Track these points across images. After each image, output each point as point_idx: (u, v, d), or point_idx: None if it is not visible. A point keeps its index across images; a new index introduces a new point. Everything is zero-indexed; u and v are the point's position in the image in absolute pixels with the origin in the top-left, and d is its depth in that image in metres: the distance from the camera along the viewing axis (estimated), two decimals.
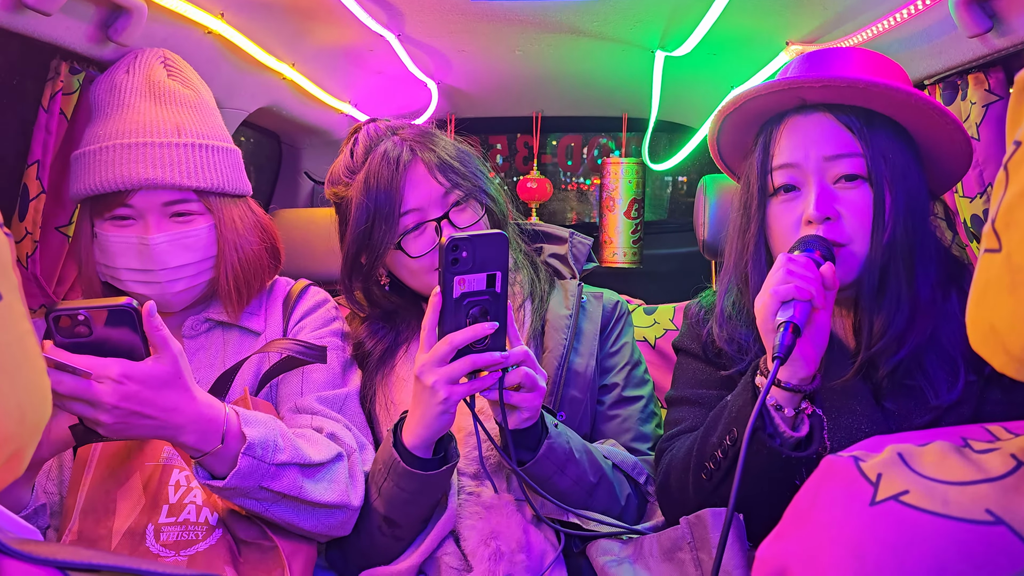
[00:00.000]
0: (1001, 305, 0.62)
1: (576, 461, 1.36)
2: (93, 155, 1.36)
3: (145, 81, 1.41)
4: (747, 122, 1.36)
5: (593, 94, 2.99)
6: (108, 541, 1.23)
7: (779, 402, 1.17)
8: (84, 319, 1.05)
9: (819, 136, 1.25)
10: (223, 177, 1.44)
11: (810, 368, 1.16)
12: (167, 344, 1.10)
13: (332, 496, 1.25)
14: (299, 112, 2.52)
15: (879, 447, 0.68)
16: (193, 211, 1.41)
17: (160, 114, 1.39)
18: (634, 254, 3.21)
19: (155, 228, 1.37)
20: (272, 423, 1.22)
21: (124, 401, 1.05)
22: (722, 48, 2.29)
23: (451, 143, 1.54)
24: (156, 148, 1.35)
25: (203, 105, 1.47)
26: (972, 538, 0.58)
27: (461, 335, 1.22)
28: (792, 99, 1.28)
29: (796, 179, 1.28)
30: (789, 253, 1.19)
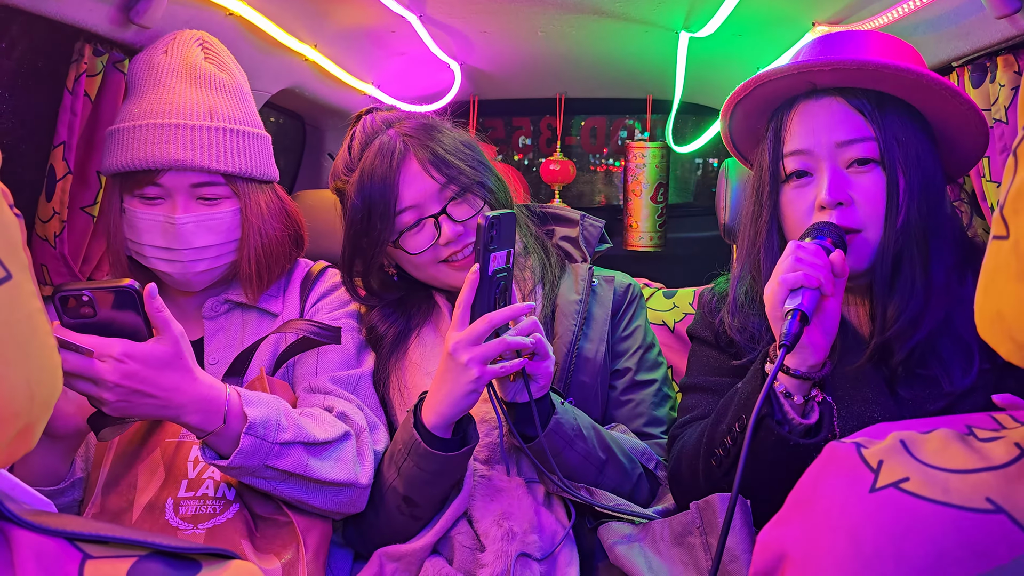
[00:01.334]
0: (1008, 292, 0.61)
1: (584, 438, 1.36)
2: (127, 132, 1.38)
3: (182, 63, 1.43)
4: (758, 108, 1.35)
5: (617, 76, 2.97)
6: (129, 514, 1.26)
7: (788, 389, 1.17)
8: (88, 300, 1.08)
9: (830, 121, 1.24)
10: (251, 162, 1.46)
11: (819, 355, 1.16)
12: (168, 325, 1.12)
13: (339, 474, 1.27)
14: (322, 93, 2.54)
15: (883, 434, 0.68)
16: (220, 194, 1.43)
17: (194, 96, 1.40)
18: (659, 238, 3.19)
19: (182, 208, 1.39)
20: (275, 403, 1.24)
21: (125, 379, 1.08)
22: (747, 29, 2.26)
23: (450, 135, 1.52)
24: (188, 130, 1.37)
25: (237, 90, 1.49)
26: (971, 526, 0.57)
27: (499, 315, 1.24)
28: (803, 84, 1.27)
29: (808, 165, 1.26)
30: (799, 240, 1.18)
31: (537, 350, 1.28)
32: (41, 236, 1.56)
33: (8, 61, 1.45)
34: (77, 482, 1.32)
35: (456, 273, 1.49)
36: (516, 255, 1.55)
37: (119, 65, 1.56)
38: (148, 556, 0.57)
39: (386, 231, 1.46)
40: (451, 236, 1.45)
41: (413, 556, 1.37)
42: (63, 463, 1.29)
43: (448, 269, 1.50)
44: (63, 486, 1.29)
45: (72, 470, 1.31)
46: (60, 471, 1.29)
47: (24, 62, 1.46)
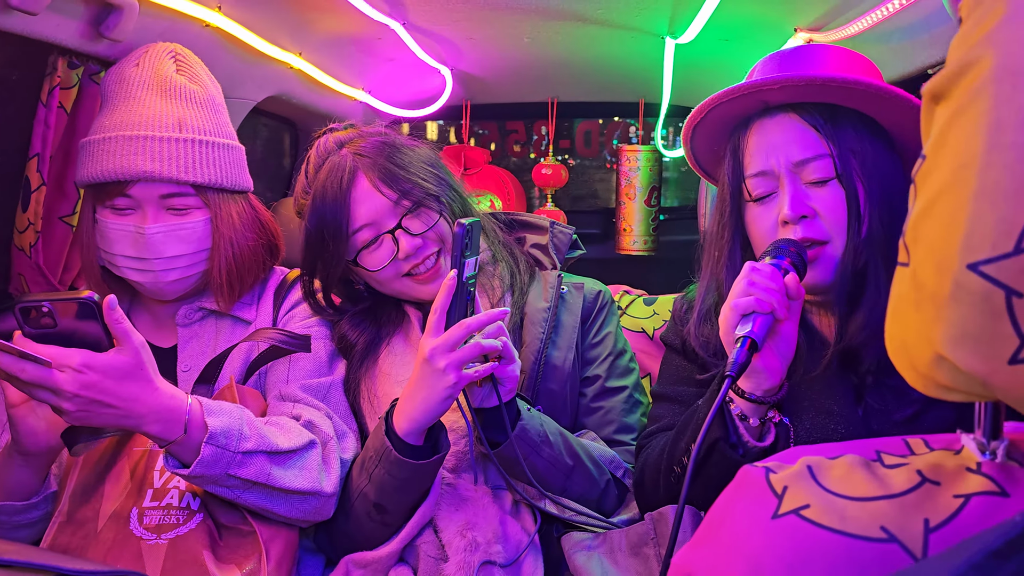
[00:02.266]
0: (908, 321, 0.61)
1: (551, 444, 1.37)
2: (97, 144, 1.40)
3: (153, 75, 1.44)
4: (717, 128, 1.35)
5: (608, 80, 2.97)
6: (95, 523, 1.27)
7: (744, 412, 1.17)
8: (48, 311, 1.10)
9: (785, 139, 1.23)
10: (221, 173, 1.47)
11: (774, 379, 1.16)
12: (128, 336, 1.14)
13: (303, 483, 1.28)
14: (310, 100, 2.55)
15: (794, 458, 0.68)
16: (190, 204, 1.44)
17: (164, 108, 1.42)
18: (653, 241, 3.19)
19: (152, 219, 1.41)
20: (238, 412, 1.25)
21: (84, 390, 1.09)
22: (733, 34, 2.25)
23: (407, 152, 1.52)
24: (156, 142, 1.39)
25: (209, 101, 1.50)
26: (865, 556, 0.58)
27: (476, 321, 1.26)
28: (756, 103, 1.26)
29: (770, 186, 1.26)
30: (755, 262, 1.18)
31: (503, 354, 1.29)
32: (18, 246, 1.58)
33: None
34: (50, 496, 1.33)
35: (420, 286, 1.50)
36: (484, 263, 1.56)
37: (95, 77, 1.59)
38: None
39: (340, 251, 1.47)
40: (409, 250, 1.46)
41: (379, 563, 1.38)
42: (36, 479, 1.30)
43: (412, 283, 1.51)
44: (35, 500, 1.30)
45: (46, 483, 1.32)
46: (33, 486, 1.30)
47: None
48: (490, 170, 3.24)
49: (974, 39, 0.57)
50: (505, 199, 3.18)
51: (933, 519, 0.58)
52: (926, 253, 0.59)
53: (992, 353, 0.54)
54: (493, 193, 3.18)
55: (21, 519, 1.29)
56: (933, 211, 0.58)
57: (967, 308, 0.55)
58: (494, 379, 1.31)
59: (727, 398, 1.19)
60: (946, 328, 0.56)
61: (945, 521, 0.58)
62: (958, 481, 0.61)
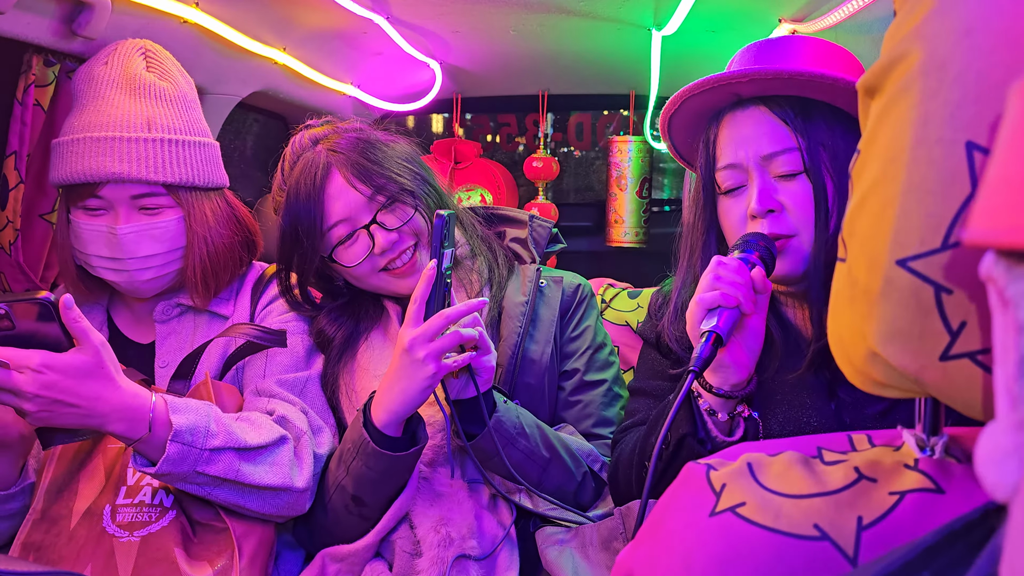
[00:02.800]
0: (844, 316, 0.61)
1: (527, 436, 1.37)
2: (67, 146, 1.40)
3: (122, 74, 1.43)
4: (693, 119, 1.35)
5: (598, 72, 2.95)
6: (68, 520, 1.28)
7: (712, 407, 1.16)
8: (5, 313, 1.10)
9: (755, 133, 1.23)
10: (193, 171, 1.46)
11: (742, 373, 1.15)
12: (87, 335, 1.14)
13: (273, 479, 1.28)
14: (298, 95, 2.54)
15: (736, 455, 0.68)
16: (162, 204, 1.44)
17: (133, 107, 1.41)
18: (644, 233, 3.18)
19: (124, 219, 1.41)
20: (205, 409, 1.26)
21: (44, 390, 1.10)
22: (719, 26, 2.24)
23: (383, 148, 1.52)
24: (125, 143, 1.38)
25: (180, 98, 1.48)
26: (795, 553, 0.57)
27: (456, 311, 1.27)
28: (728, 95, 1.26)
29: (740, 179, 1.26)
30: (722, 256, 1.18)
31: (479, 344, 1.30)
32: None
33: None
34: (27, 488, 1.34)
35: (398, 280, 1.50)
36: (463, 257, 1.56)
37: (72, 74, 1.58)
38: None
39: (315, 247, 1.47)
40: (385, 245, 1.46)
41: (356, 557, 1.39)
42: (12, 469, 1.31)
43: (389, 277, 1.50)
44: (13, 491, 1.31)
45: (24, 474, 1.33)
46: (10, 477, 1.31)
47: None
48: (481, 164, 3.23)
49: (903, 32, 0.56)
50: (496, 193, 3.17)
51: (867, 516, 0.58)
52: (859, 249, 0.58)
53: (923, 349, 0.54)
54: (483, 187, 3.17)
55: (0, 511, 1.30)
56: (865, 206, 0.58)
57: (897, 304, 0.55)
58: (471, 370, 1.31)
59: (695, 393, 1.19)
60: (878, 324, 0.56)
61: (879, 519, 0.58)
62: (895, 478, 0.61)
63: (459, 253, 1.58)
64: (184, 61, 1.61)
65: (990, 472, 0.35)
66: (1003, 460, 0.34)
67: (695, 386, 1.18)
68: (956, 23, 0.52)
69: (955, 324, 0.53)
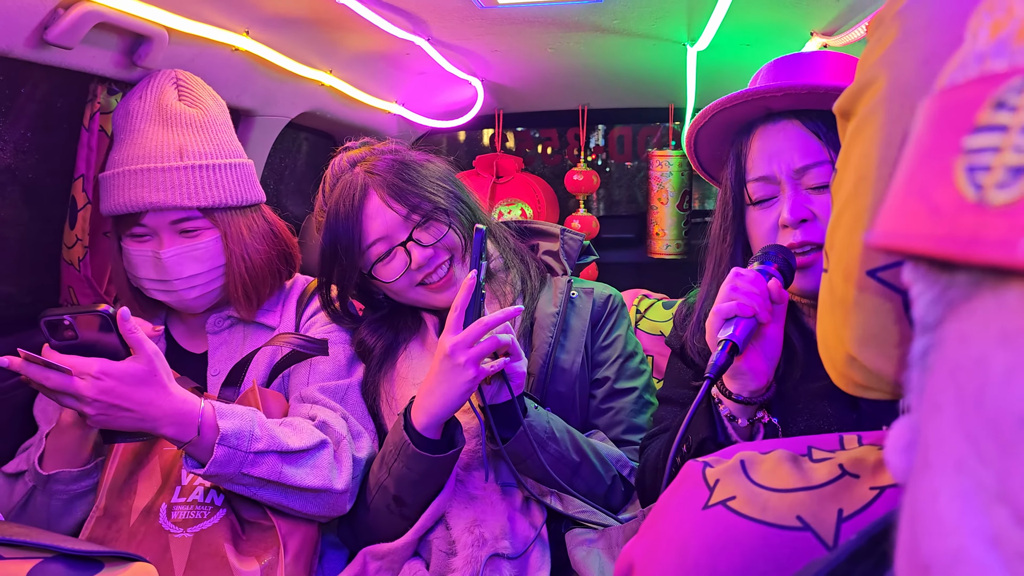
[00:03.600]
0: (827, 322, 0.65)
1: (557, 440, 1.43)
2: (109, 179, 1.51)
3: (155, 106, 1.53)
4: (721, 133, 1.38)
5: (636, 87, 3.00)
6: (128, 518, 1.38)
7: (732, 412, 1.20)
8: (69, 324, 1.20)
9: (787, 146, 1.26)
10: (226, 193, 1.55)
11: (760, 380, 1.18)
12: (142, 345, 1.24)
13: (314, 481, 1.36)
14: (344, 115, 2.64)
15: (731, 454, 0.72)
16: (199, 226, 1.53)
17: (165, 138, 1.50)
18: (685, 245, 3.21)
19: (167, 244, 1.51)
20: (250, 415, 1.34)
21: (102, 395, 1.20)
22: (753, 39, 2.27)
23: (418, 169, 1.58)
24: (159, 173, 1.47)
25: (210, 123, 1.57)
26: (779, 542, 0.62)
27: (493, 318, 1.34)
28: (759, 109, 1.29)
29: (771, 189, 1.29)
30: (740, 267, 1.21)
31: (511, 350, 1.37)
32: (67, 261, 1.70)
33: (31, 104, 1.59)
34: (100, 464, 1.45)
35: (434, 295, 1.58)
36: (497, 270, 1.63)
37: None
38: (52, 558, 0.67)
39: (353, 264, 1.55)
40: (421, 261, 1.53)
41: (396, 555, 1.46)
42: (87, 447, 1.41)
43: (426, 291, 1.58)
44: (88, 467, 1.41)
45: (94, 452, 1.44)
46: (86, 452, 1.42)
47: (45, 104, 1.61)
48: (522, 178, 3.29)
49: (873, 59, 0.61)
50: (536, 206, 3.23)
51: (847, 509, 0.62)
52: (836, 260, 0.63)
53: (896, 353, 0.58)
54: (523, 201, 3.23)
55: (77, 488, 1.40)
56: (840, 221, 0.62)
57: (870, 312, 0.59)
58: (504, 375, 1.38)
59: (716, 399, 1.22)
60: (853, 331, 0.60)
61: (858, 511, 0.62)
62: (877, 474, 0.65)
63: (493, 266, 1.64)
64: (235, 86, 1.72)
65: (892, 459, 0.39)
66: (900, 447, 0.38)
67: (715, 392, 1.22)
68: (918, 52, 0.57)
69: None
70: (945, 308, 0.32)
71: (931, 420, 0.31)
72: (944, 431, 0.30)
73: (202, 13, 1.63)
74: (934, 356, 0.33)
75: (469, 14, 1.99)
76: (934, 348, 0.33)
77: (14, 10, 1.23)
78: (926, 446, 0.32)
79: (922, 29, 0.57)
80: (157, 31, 1.51)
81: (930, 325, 0.33)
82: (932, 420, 0.31)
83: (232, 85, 1.67)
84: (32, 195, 1.66)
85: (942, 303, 0.32)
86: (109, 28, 1.43)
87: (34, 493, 1.38)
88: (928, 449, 0.31)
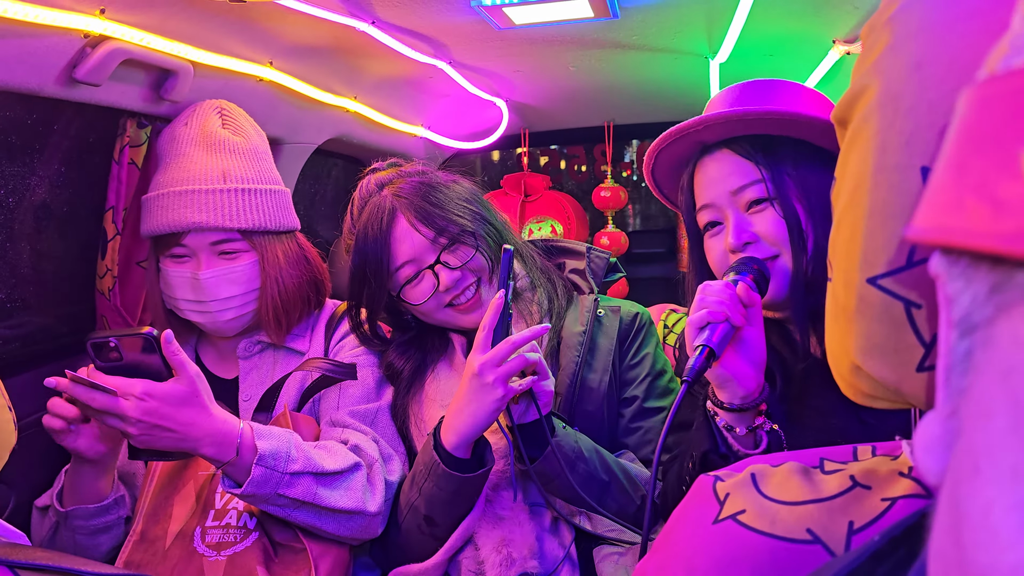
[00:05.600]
0: (832, 332, 0.64)
1: (585, 459, 1.42)
2: (154, 200, 1.55)
3: (200, 132, 1.58)
4: (673, 165, 1.43)
5: (661, 102, 3.00)
6: (164, 541, 1.40)
7: (729, 422, 1.20)
8: (114, 346, 1.24)
9: (723, 172, 1.30)
10: (265, 217, 1.59)
11: (748, 385, 1.18)
12: (184, 367, 1.26)
13: (348, 503, 1.37)
14: (371, 139, 2.68)
15: (742, 467, 0.72)
16: (238, 248, 1.57)
17: (209, 162, 1.55)
18: None
19: (205, 265, 1.54)
20: (287, 436, 1.36)
21: (146, 416, 1.23)
22: (776, 50, 2.26)
23: (445, 191, 1.60)
24: (203, 195, 1.52)
25: (252, 151, 1.62)
26: (789, 556, 0.61)
27: (521, 337, 1.35)
28: (695, 144, 1.35)
29: (716, 216, 1.33)
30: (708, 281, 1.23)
31: (538, 369, 1.38)
32: (99, 290, 1.75)
33: (65, 140, 1.65)
34: (120, 499, 1.48)
35: (462, 316, 1.58)
36: (523, 289, 1.64)
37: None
38: None
39: (382, 286, 1.57)
40: (449, 283, 1.54)
41: (426, 575, 1.46)
42: (104, 482, 1.45)
43: (454, 312, 1.59)
44: (106, 503, 1.44)
45: (115, 487, 1.47)
46: (102, 490, 1.45)
47: (78, 140, 1.66)
48: (550, 196, 3.30)
49: (865, 67, 0.60)
50: (565, 223, 3.23)
51: (858, 521, 0.61)
52: (838, 268, 0.62)
53: (900, 362, 0.58)
54: (553, 218, 3.24)
55: (97, 523, 1.43)
56: (840, 229, 0.62)
57: (872, 320, 0.58)
58: (532, 394, 1.38)
59: (712, 412, 1.23)
60: (856, 340, 0.60)
61: (869, 523, 0.61)
62: (889, 485, 0.64)
63: (519, 285, 1.65)
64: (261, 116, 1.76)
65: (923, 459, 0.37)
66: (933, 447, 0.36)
67: (710, 406, 1.22)
68: (908, 58, 0.56)
69: (927, 336, 0.56)
70: (996, 309, 0.30)
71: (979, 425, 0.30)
72: (996, 437, 0.28)
73: (226, 46, 1.67)
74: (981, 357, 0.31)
75: (488, 36, 2.02)
76: (980, 348, 0.31)
77: (43, 50, 1.28)
78: (973, 452, 0.30)
79: (912, 35, 0.56)
80: (182, 65, 1.56)
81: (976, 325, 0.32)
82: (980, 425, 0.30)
83: (258, 114, 1.70)
84: (66, 228, 1.72)
85: (992, 303, 0.31)
86: (135, 64, 1.47)
87: (59, 528, 1.42)
88: (976, 455, 0.30)
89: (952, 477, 0.32)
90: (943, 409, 0.37)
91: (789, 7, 1.86)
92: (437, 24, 1.88)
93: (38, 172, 1.62)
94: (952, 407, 0.35)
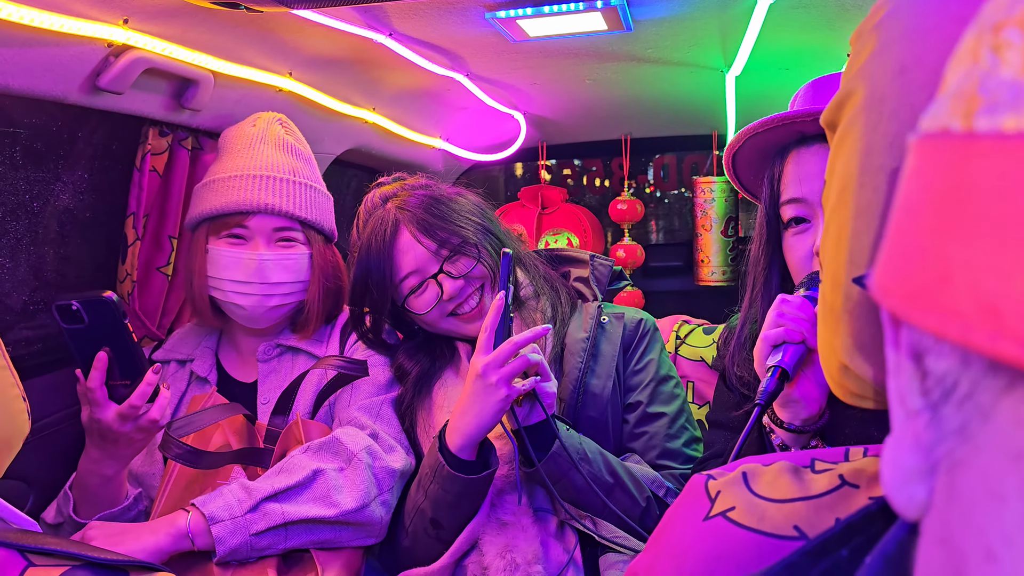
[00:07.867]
0: (822, 332, 0.65)
1: (590, 461, 1.43)
2: (221, 182, 1.61)
3: (268, 132, 1.67)
4: (758, 155, 1.37)
5: (678, 115, 3.01)
6: None
7: (785, 441, 1.17)
8: (76, 309, 1.29)
9: (820, 169, 1.24)
10: (321, 215, 1.69)
11: (813, 408, 1.15)
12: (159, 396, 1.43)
13: (321, 509, 1.40)
14: (390, 151, 2.72)
15: (734, 467, 0.72)
16: (296, 239, 1.64)
17: (279, 157, 1.65)
18: (731, 272, 3.19)
19: (264, 247, 1.61)
20: (232, 487, 1.40)
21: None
22: (792, 63, 2.27)
23: (448, 204, 1.63)
24: (275, 181, 1.60)
25: (309, 158, 1.74)
26: (775, 552, 0.62)
27: (523, 338, 1.37)
28: (792, 132, 1.28)
29: (805, 212, 1.27)
30: (786, 294, 1.19)
31: (540, 370, 1.40)
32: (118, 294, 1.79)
33: (89, 148, 1.69)
34: (139, 496, 1.53)
35: (466, 324, 1.61)
36: (527, 298, 1.66)
37: (183, 142, 1.79)
38: (80, 565, 0.70)
39: (385, 297, 1.60)
40: (452, 292, 1.57)
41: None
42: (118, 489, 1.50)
43: (458, 321, 1.61)
44: (128, 502, 1.50)
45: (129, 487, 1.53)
46: (119, 496, 1.50)
47: (101, 147, 1.71)
48: (567, 208, 3.32)
49: (853, 71, 0.62)
50: (581, 236, 3.25)
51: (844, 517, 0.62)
52: (827, 269, 0.63)
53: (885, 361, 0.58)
54: (569, 231, 3.26)
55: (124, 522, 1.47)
56: (829, 230, 0.63)
57: (857, 320, 0.59)
58: (536, 395, 1.40)
59: (767, 428, 1.20)
60: (843, 339, 0.61)
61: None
62: (876, 484, 0.64)
63: (523, 294, 1.67)
64: None
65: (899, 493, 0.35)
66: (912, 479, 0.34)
67: (766, 421, 1.19)
68: (892, 63, 0.58)
69: None
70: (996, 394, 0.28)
71: (989, 507, 0.28)
72: (1013, 525, 0.27)
73: (246, 56, 1.71)
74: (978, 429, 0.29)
75: (504, 48, 2.04)
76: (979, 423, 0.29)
77: (68, 59, 1.32)
78: (983, 534, 0.28)
79: (896, 40, 0.58)
80: (203, 75, 1.60)
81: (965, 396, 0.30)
82: (992, 508, 0.28)
83: None
84: (88, 233, 1.76)
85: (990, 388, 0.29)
86: (157, 73, 1.51)
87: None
88: (989, 539, 0.28)
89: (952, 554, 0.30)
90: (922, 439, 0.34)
91: (803, 21, 1.86)
92: (453, 36, 1.91)
93: (62, 178, 1.66)
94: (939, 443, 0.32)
